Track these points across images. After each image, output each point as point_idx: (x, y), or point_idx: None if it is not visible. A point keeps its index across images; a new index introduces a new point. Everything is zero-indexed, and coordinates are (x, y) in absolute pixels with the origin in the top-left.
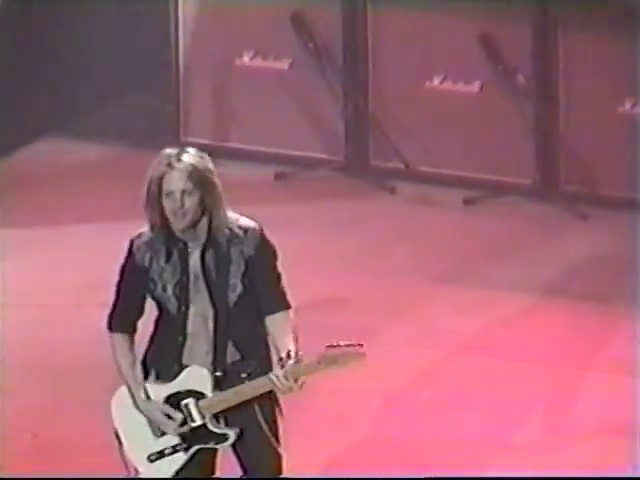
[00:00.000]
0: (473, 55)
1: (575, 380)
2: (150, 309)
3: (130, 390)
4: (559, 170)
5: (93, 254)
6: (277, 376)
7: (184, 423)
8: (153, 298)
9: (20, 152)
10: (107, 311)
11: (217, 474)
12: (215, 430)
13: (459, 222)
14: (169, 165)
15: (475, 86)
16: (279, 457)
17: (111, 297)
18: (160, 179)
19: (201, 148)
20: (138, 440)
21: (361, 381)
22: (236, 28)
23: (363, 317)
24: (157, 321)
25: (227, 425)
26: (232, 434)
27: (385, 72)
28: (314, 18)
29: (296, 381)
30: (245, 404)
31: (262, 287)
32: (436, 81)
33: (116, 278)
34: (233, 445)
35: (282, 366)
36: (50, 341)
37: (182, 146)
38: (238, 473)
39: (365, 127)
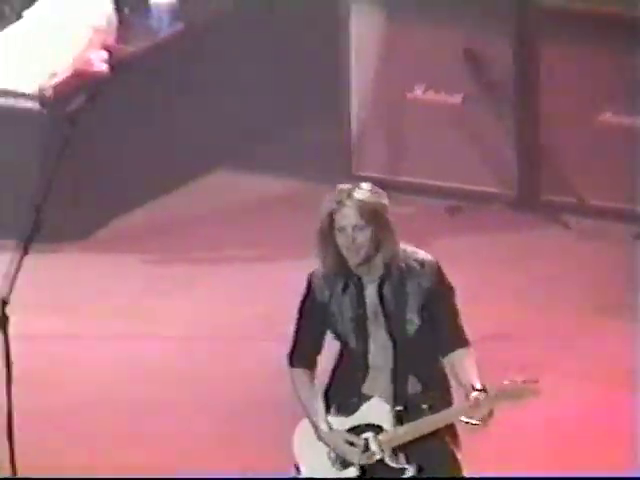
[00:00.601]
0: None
1: None
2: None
3: (312, 421)
4: None
5: (268, 288)
6: (465, 408)
7: (366, 449)
8: (335, 333)
9: (190, 185)
10: (284, 345)
11: None
12: (393, 465)
13: (630, 256)
14: (340, 202)
15: None
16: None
17: (286, 331)
18: (331, 215)
19: (373, 182)
20: (319, 474)
21: (528, 412)
22: (408, 62)
23: (532, 351)
24: (340, 355)
25: (406, 459)
26: (411, 469)
27: (557, 105)
28: (486, 53)
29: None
30: (428, 436)
31: (440, 323)
32: (607, 114)
33: (292, 312)
34: None
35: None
36: (225, 375)
37: (354, 180)
38: None
39: (537, 161)
